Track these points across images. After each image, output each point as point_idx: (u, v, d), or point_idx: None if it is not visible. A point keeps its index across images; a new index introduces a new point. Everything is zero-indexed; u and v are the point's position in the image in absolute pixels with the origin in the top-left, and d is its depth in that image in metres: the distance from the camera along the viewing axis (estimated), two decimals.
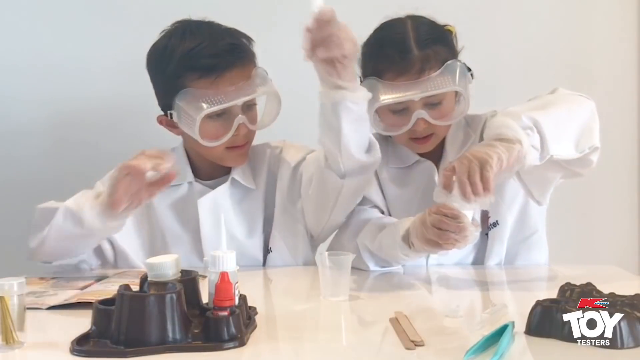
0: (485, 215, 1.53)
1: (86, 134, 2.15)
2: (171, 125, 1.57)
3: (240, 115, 1.51)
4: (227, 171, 1.61)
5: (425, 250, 1.33)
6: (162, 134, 1.73)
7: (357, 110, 1.35)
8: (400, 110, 1.49)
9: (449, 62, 1.47)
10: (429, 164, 1.58)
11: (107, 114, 2.15)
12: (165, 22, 1.60)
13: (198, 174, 1.63)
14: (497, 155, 1.19)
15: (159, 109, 1.59)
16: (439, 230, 1.25)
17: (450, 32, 1.54)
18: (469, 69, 1.51)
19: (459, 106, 1.52)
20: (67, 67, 2.15)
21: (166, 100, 1.53)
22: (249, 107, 1.55)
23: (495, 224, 1.54)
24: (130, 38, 2.11)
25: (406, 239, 1.36)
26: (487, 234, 1.54)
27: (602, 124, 1.35)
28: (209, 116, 1.48)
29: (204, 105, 1.45)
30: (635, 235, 2.19)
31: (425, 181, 1.56)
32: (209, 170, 1.62)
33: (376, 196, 1.58)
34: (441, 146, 1.58)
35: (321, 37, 1.25)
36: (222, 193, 1.58)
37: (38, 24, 2.15)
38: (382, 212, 1.59)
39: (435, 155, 1.59)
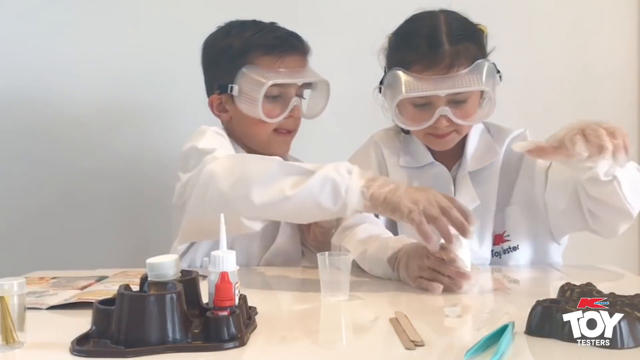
0: (500, 237, 1.52)
1: (86, 133, 2.15)
2: (221, 110, 1.62)
3: (295, 97, 1.60)
4: None
5: (413, 286, 1.29)
6: (164, 135, 1.72)
7: None
8: (423, 104, 1.45)
9: (478, 60, 1.43)
10: (442, 169, 1.53)
11: (108, 114, 2.15)
12: (165, 24, 1.61)
13: None
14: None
15: (160, 110, 1.59)
16: (435, 273, 1.24)
17: (482, 31, 1.49)
18: (498, 71, 1.46)
19: (484, 107, 1.47)
20: (68, 67, 2.15)
21: (226, 79, 1.58)
22: (299, 97, 1.62)
23: (515, 248, 1.52)
24: (132, 39, 2.11)
25: (392, 261, 1.34)
26: (500, 256, 1.53)
27: None
28: (267, 96, 1.54)
29: (269, 78, 1.52)
30: (635, 235, 2.19)
31: (436, 187, 1.47)
32: None
33: None
34: (459, 152, 1.54)
35: None
36: None
37: (38, 23, 2.15)
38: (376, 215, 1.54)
39: (451, 160, 1.54)
